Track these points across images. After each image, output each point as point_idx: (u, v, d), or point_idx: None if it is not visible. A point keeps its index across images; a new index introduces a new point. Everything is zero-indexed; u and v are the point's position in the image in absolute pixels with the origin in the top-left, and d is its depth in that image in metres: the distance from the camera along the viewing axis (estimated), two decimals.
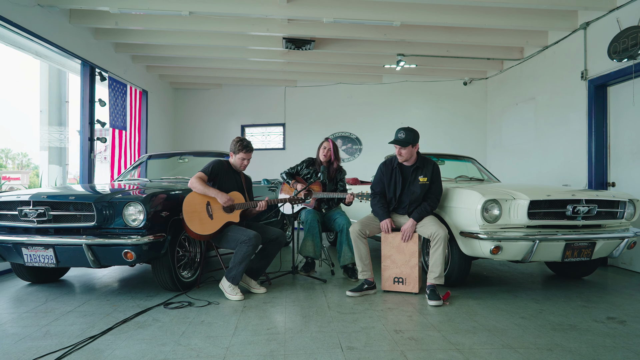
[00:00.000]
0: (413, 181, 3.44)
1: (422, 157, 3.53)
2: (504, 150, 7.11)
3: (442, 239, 3.17)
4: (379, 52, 6.28)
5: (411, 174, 3.45)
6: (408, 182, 3.46)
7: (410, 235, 3.36)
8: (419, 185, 3.41)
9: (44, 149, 7.97)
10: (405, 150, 3.37)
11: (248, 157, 3.52)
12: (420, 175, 3.44)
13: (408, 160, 3.44)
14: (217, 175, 3.39)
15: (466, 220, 3.33)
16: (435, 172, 3.47)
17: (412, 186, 3.43)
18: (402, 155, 3.39)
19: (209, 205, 3.28)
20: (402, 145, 3.36)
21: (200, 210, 3.25)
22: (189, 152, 4.96)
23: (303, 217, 3.99)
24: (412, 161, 3.47)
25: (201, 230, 3.20)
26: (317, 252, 3.87)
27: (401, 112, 8.25)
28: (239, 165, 3.51)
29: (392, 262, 3.46)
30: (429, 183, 3.42)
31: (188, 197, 3.26)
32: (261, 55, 6.72)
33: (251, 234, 3.19)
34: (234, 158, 3.50)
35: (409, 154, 3.40)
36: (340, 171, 4.18)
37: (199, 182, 3.25)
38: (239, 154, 3.47)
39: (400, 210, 3.50)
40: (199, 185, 3.25)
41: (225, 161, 3.51)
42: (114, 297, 3.32)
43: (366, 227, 3.44)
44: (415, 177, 3.44)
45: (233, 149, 3.48)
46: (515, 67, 6.69)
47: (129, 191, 3.30)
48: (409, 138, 3.38)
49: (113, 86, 6.38)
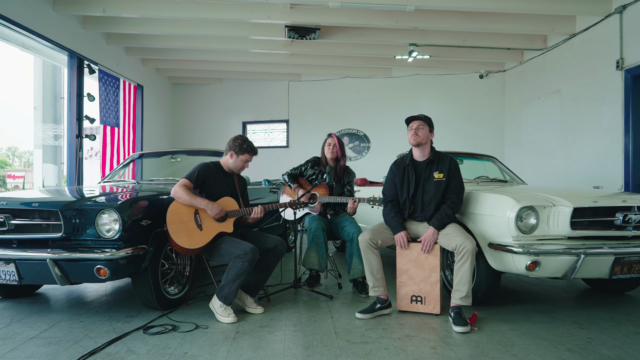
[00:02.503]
0: (427, 178, 2.98)
1: (437, 151, 3.07)
2: (523, 149, 6.60)
3: (470, 253, 2.70)
4: (390, 41, 5.80)
5: (425, 170, 2.99)
6: (422, 180, 2.99)
7: (430, 246, 2.89)
8: (434, 182, 2.95)
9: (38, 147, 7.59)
10: (422, 131, 2.95)
11: (251, 159, 3.11)
12: (436, 171, 2.97)
13: (423, 146, 2.99)
14: (204, 181, 2.94)
15: (496, 230, 2.85)
16: (452, 167, 2.99)
17: (427, 184, 2.97)
18: (418, 135, 2.95)
19: (197, 214, 2.84)
20: (421, 120, 2.96)
21: (187, 220, 2.80)
22: (182, 151, 4.53)
23: (307, 224, 3.54)
24: (425, 155, 3.01)
25: (189, 243, 2.75)
26: (322, 265, 3.42)
27: (412, 108, 7.73)
28: (238, 167, 3.07)
29: (409, 277, 2.99)
30: (446, 180, 2.96)
31: (173, 206, 2.81)
32: (263, 46, 6.26)
33: (247, 248, 2.74)
34: (235, 159, 3.05)
35: (426, 135, 2.98)
36: (348, 172, 3.72)
37: (184, 191, 2.81)
38: (242, 156, 3.04)
39: (417, 216, 3.03)
40: (184, 195, 2.80)
41: (212, 163, 3.06)
42: (89, 318, 2.88)
43: (378, 236, 2.98)
44: (430, 173, 2.98)
45: (236, 149, 3.03)
46: (538, 57, 6.17)
47: (104, 196, 2.86)
48: (428, 120, 2.99)
49: (104, 80, 5.95)
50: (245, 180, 3.29)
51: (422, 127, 2.94)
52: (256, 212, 2.94)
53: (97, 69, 5.77)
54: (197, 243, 2.77)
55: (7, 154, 39.92)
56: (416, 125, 2.96)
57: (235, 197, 3.04)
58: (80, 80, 5.48)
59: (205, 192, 2.94)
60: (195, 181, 2.90)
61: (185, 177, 2.92)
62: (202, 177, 2.92)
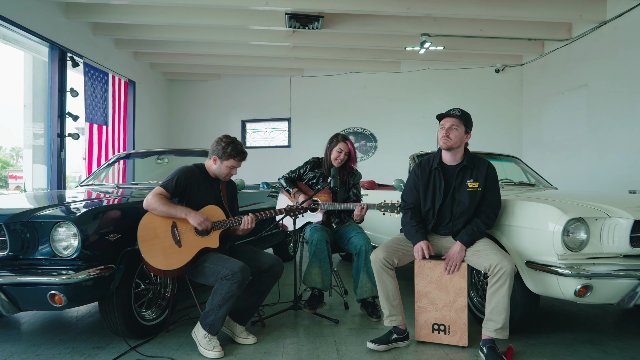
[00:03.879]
0: (459, 187, 2.48)
1: (472, 154, 2.57)
2: (544, 148, 6.09)
3: (508, 275, 2.21)
4: (400, 31, 5.31)
5: (456, 177, 2.49)
6: (452, 189, 2.49)
7: (457, 265, 2.40)
8: (468, 192, 2.45)
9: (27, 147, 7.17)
10: (456, 132, 2.42)
11: (239, 166, 2.60)
12: (470, 179, 2.47)
13: (455, 151, 2.48)
14: (185, 189, 2.46)
15: (536, 247, 2.36)
16: (490, 175, 2.50)
17: (458, 194, 2.47)
18: (450, 138, 2.43)
19: (176, 227, 2.36)
20: (456, 118, 2.42)
21: (163, 235, 2.33)
22: (170, 151, 4.07)
23: (307, 235, 3.06)
24: (457, 158, 2.51)
25: (165, 264, 2.28)
26: (326, 283, 2.93)
27: (421, 105, 7.27)
28: (223, 174, 2.57)
29: (430, 302, 2.50)
30: (482, 190, 2.46)
31: (145, 219, 2.34)
32: (263, 38, 5.79)
33: (236, 267, 2.26)
34: (219, 165, 2.55)
35: (460, 138, 2.45)
36: (354, 174, 3.24)
37: (158, 201, 2.33)
38: (227, 161, 2.52)
39: (441, 229, 2.54)
40: (159, 206, 2.33)
41: (196, 167, 2.58)
42: (48, 349, 2.42)
43: (394, 253, 2.49)
44: (463, 180, 2.48)
45: (219, 153, 2.52)
46: (561, 49, 5.66)
47: (63, 205, 2.39)
48: (465, 118, 2.46)
49: (90, 74, 5.51)
50: (235, 185, 2.81)
51: (456, 128, 2.43)
52: (246, 222, 2.46)
53: (83, 62, 5.32)
54: (175, 263, 2.30)
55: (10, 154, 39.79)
56: (449, 125, 2.43)
57: (222, 206, 2.56)
58: (63, 74, 5.04)
59: (185, 202, 2.47)
60: (174, 190, 2.42)
61: (160, 185, 2.44)
62: (181, 185, 2.44)
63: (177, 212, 2.34)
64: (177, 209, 2.35)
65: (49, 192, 3.96)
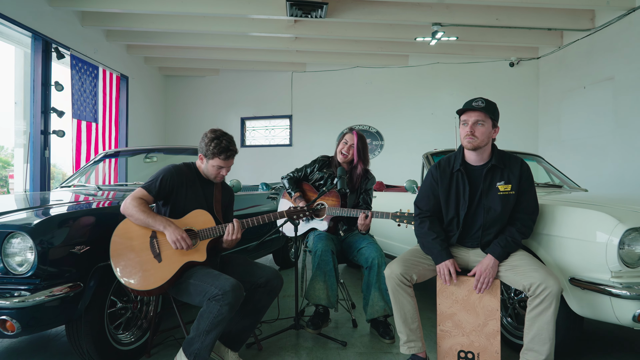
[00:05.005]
0: (488, 191, 2.10)
1: (501, 151, 2.19)
2: (563, 146, 5.70)
3: (554, 297, 1.83)
4: (410, 20, 4.93)
5: (484, 179, 2.11)
6: (479, 193, 2.11)
7: (488, 283, 2.03)
8: (499, 197, 2.07)
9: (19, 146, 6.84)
10: (482, 128, 2.04)
11: (228, 165, 2.19)
12: (500, 181, 2.09)
13: (481, 150, 2.10)
14: (170, 191, 2.10)
15: (584, 261, 1.99)
16: (525, 175, 2.12)
17: (487, 199, 2.09)
18: (476, 136, 2.04)
19: (155, 238, 2.00)
20: (480, 111, 2.03)
21: (140, 248, 1.96)
22: (159, 149, 3.71)
23: (311, 244, 2.69)
24: (484, 157, 2.13)
25: (142, 283, 1.92)
26: (332, 299, 2.56)
27: (430, 101, 6.89)
28: (212, 175, 2.19)
29: (455, 325, 2.12)
30: (515, 194, 2.08)
31: (121, 227, 1.99)
32: (263, 28, 5.42)
33: (227, 285, 1.89)
34: (206, 164, 2.18)
35: (487, 135, 2.07)
36: (367, 178, 2.86)
37: (138, 207, 1.97)
38: (212, 160, 2.13)
39: (468, 241, 2.16)
40: (137, 213, 1.97)
41: (185, 166, 2.21)
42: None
43: (412, 268, 2.11)
44: (492, 183, 2.10)
45: (203, 150, 2.14)
46: (583, 40, 5.27)
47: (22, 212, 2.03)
48: (491, 109, 2.06)
49: (78, 67, 5.15)
50: (232, 192, 2.41)
51: (481, 123, 2.05)
52: (230, 231, 2.07)
53: (69, 54, 4.96)
54: (154, 281, 1.93)
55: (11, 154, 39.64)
56: (473, 120, 2.05)
57: (212, 211, 2.18)
58: (47, 66, 4.68)
59: (171, 206, 2.10)
60: (157, 193, 2.05)
61: (142, 187, 2.08)
62: (167, 187, 2.07)
63: (156, 222, 1.97)
64: (157, 219, 1.98)
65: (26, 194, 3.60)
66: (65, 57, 4.84)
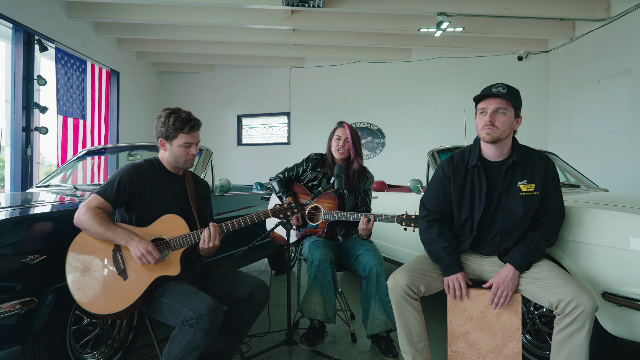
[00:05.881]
0: (508, 191, 1.82)
1: (523, 146, 1.91)
2: (575, 144, 5.42)
3: (588, 316, 1.55)
4: (413, 10, 4.66)
5: (503, 178, 1.83)
6: (497, 193, 1.83)
7: (508, 296, 1.75)
8: (521, 198, 1.79)
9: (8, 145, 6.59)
10: (503, 118, 1.76)
11: (195, 139, 1.88)
12: (522, 180, 1.82)
13: (501, 143, 1.81)
14: (132, 195, 1.80)
15: (619, 272, 1.71)
16: (550, 172, 1.84)
17: (507, 200, 1.81)
18: (496, 127, 1.76)
19: (119, 252, 1.72)
20: (502, 98, 1.75)
21: (101, 265, 1.69)
22: (144, 145, 3.44)
23: (306, 251, 2.42)
24: (504, 152, 1.85)
25: (106, 305, 1.64)
26: (329, 313, 2.29)
27: (434, 97, 6.62)
28: (181, 159, 1.88)
29: (469, 346, 1.85)
30: (540, 195, 1.80)
31: (79, 240, 1.71)
32: (259, 20, 5.15)
33: (202, 307, 1.60)
34: (169, 149, 1.87)
35: (509, 126, 1.78)
36: (365, 177, 2.58)
37: (92, 218, 1.67)
38: (177, 139, 1.83)
39: (483, 248, 1.88)
40: (93, 226, 1.67)
41: (146, 163, 1.91)
42: None
43: (419, 278, 1.84)
44: (512, 182, 1.82)
45: (162, 133, 1.84)
46: (598, 30, 4.99)
47: None
48: (514, 96, 1.77)
49: (64, 61, 4.89)
50: (206, 186, 2.11)
51: (503, 111, 1.76)
52: (205, 238, 1.79)
53: (54, 47, 4.71)
54: (119, 303, 1.65)
55: None
56: (493, 108, 1.76)
57: (189, 212, 1.91)
58: (29, 59, 4.43)
59: (137, 212, 1.82)
60: (115, 199, 1.75)
61: (97, 193, 1.75)
62: (126, 190, 1.78)
63: (116, 236, 1.67)
64: (117, 232, 1.68)
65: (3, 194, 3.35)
66: (48, 49, 4.58)
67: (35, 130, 4.45)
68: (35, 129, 4.46)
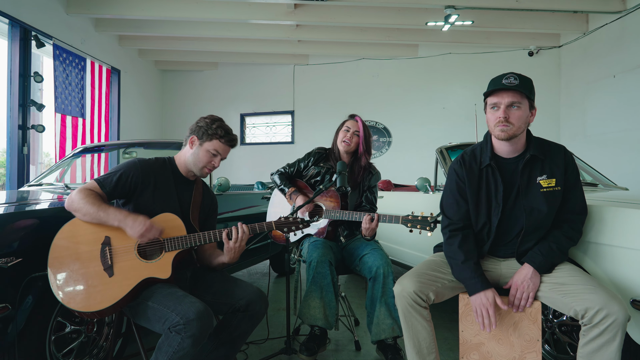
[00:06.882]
0: (527, 188, 1.65)
1: (539, 139, 1.75)
2: (589, 142, 5.23)
3: (619, 327, 1.39)
4: (420, 3, 4.50)
5: (521, 175, 1.67)
6: (515, 191, 1.67)
7: (529, 299, 1.59)
8: (542, 194, 1.63)
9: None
10: (518, 113, 1.59)
11: (225, 153, 1.83)
12: (542, 175, 1.65)
13: (516, 139, 1.65)
14: (133, 190, 1.68)
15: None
16: (570, 165, 1.68)
17: (527, 199, 1.64)
18: (511, 123, 1.59)
19: (108, 245, 1.59)
20: (516, 91, 1.57)
21: (87, 257, 1.56)
22: (140, 143, 3.32)
23: (305, 252, 2.28)
24: (519, 148, 1.69)
25: (86, 302, 1.51)
26: (330, 319, 2.14)
27: (442, 95, 6.45)
28: (201, 164, 1.79)
29: (483, 357, 1.69)
30: (562, 190, 1.64)
31: (65, 230, 1.58)
32: (262, 15, 5.03)
33: (191, 312, 1.46)
34: (197, 149, 1.78)
35: (524, 120, 1.62)
36: (370, 172, 2.43)
37: (85, 198, 1.56)
38: (210, 143, 1.77)
39: (501, 250, 1.72)
40: (85, 205, 1.55)
41: (156, 162, 1.80)
42: None
43: (429, 284, 1.68)
44: (531, 178, 1.66)
45: (200, 131, 1.78)
46: (613, 23, 4.79)
47: None
48: (528, 86, 1.60)
49: (62, 58, 4.80)
50: (215, 199, 1.98)
51: (517, 106, 1.59)
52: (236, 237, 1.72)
53: (52, 43, 4.61)
54: (100, 301, 1.52)
55: None
56: (507, 102, 1.59)
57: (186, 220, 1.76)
58: (26, 56, 4.33)
59: (134, 206, 1.70)
60: (112, 190, 1.64)
61: (95, 180, 1.67)
62: (126, 186, 1.66)
63: (109, 216, 1.56)
64: (110, 211, 1.57)
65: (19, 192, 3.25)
66: (45, 45, 4.48)
67: (32, 128, 4.35)
68: (32, 127, 4.36)
